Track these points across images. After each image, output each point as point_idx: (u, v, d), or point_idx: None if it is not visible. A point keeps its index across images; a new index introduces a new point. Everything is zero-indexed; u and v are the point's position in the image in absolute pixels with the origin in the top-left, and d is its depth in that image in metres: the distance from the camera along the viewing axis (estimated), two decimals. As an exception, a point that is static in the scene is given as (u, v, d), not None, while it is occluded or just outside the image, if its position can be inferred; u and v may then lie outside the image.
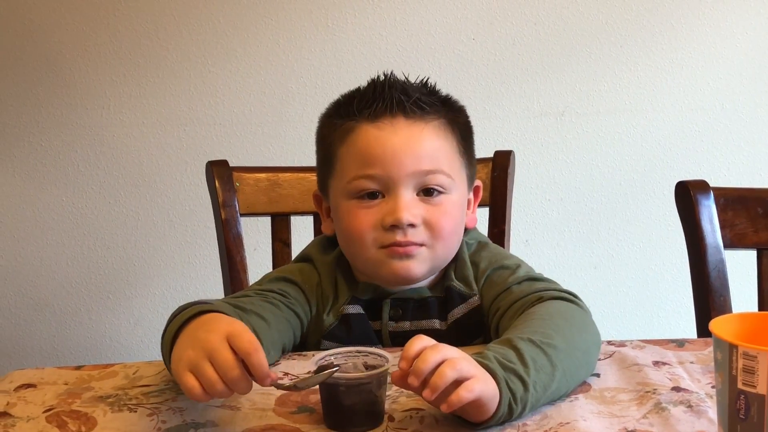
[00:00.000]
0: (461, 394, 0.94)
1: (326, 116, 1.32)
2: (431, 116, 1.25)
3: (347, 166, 1.24)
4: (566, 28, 2.31)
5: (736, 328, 0.94)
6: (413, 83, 1.28)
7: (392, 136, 1.22)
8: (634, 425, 1.00)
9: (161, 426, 1.02)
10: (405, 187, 1.21)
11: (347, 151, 1.24)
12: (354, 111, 1.25)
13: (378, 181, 1.22)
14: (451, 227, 1.24)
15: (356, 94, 1.28)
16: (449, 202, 1.24)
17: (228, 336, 0.94)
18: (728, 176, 2.36)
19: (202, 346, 0.94)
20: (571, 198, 2.40)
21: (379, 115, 1.23)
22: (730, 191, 1.51)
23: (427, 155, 1.22)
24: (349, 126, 1.25)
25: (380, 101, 1.23)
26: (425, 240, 1.23)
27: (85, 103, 2.32)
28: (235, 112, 2.34)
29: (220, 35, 2.30)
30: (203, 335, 0.96)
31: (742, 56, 2.34)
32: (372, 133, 1.23)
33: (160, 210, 2.38)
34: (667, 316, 2.46)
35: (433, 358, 0.94)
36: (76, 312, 2.43)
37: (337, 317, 1.27)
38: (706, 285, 1.47)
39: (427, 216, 1.22)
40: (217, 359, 0.93)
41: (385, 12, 2.29)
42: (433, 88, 1.30)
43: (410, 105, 1.23)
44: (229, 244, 1.64)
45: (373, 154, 1.22)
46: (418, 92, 1.25)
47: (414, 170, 1.21)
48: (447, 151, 1.25)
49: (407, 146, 1.22)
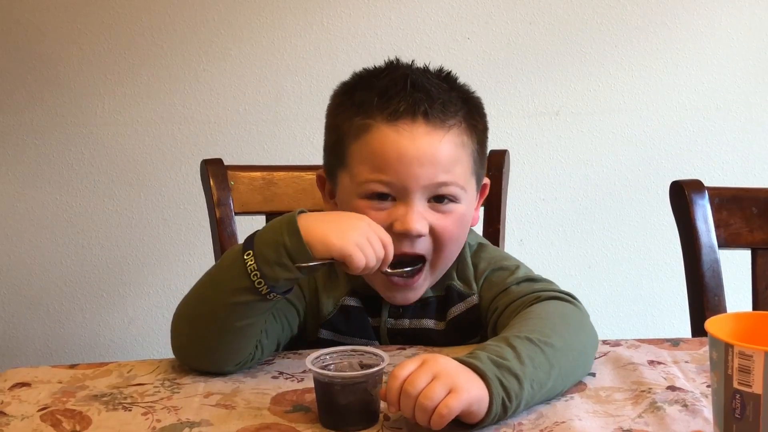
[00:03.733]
0: (442, 414, 0.95)
1: (339, 102, 1.25)
2: (452, 120, 1.19)
3: (360, 165, 1.19)
4: (561, 27, 2.31)
5: (732, 328, 0.94)
6: (432, 75, 1.23)
7: (411, 144, 1.16)
8: (629, 424, 1.00)
9: (156, 425, 1.02)
10: (418, 196, 1.18)
11: (360, 150, 1.19)
12: (372, 107, 1.18)
13: (391, 187, 1.18)
14: (456, 237, 1.23)
15: (374, 85, 1.21)
16: (457, 212, 1.21)
17: (369, 223, 1.13)
18: (723, 176, 2.37)
19: (360, 229, 1.11)
20: (565, 197, 2.40)
21: (399, 117, 1.17)
22: (724, 191, 1.51)
23: (443, 167, 1.18)
24: (365, 123, 1.18)
25: (402, 102, 1.17)
26: (428, 251, 1.21)
27: (79, 102, 2.32)
28: (230, 111, 2.33)
29: (214, 34, 2.30)
30: (355, 221, 1.13)
31: (736, 56, 2.34)
32: (389, 137, 1.17)
33: (154, 208, 2.38)
34: (661, 316, 2.47)
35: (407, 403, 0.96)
36: (70, 311, 2.43)
37: (336, 307, 1.27)
38: (700, 284, 1.47)
39: (435, 224, 1.20)
40: (373, 242, 1.11)
41: (380, 11, 2.29)
42: (453, 81, 1.25)
43: (432, 110, 1.17)
44: (223, 243, 1.63)
45: (388, 159, 1.16)
46: (440, 91, 1.19)
47: (428, 182, 1.18)
48: (463, 161, 1.21)
49: (425, 157, 1.16)
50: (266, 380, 1.15)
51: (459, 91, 1.24)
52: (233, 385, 1.14)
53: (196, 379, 1.16)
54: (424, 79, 1.20)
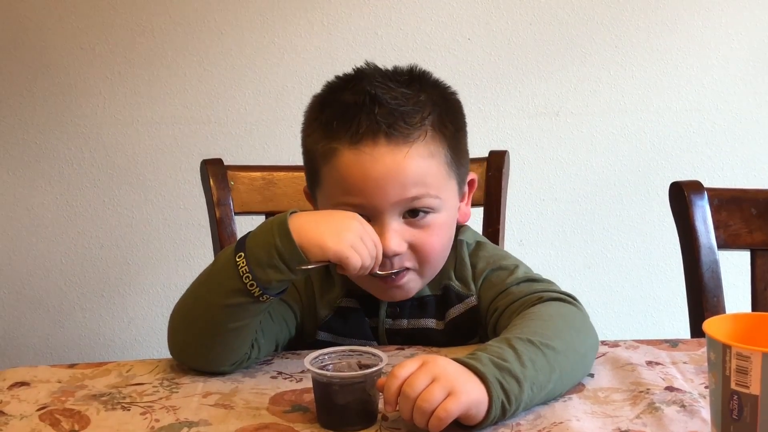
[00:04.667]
0: (440, 418, 0.95)
1: (311, 120, 1.25)
2: (417, 132, 1.16)
3: (331, 188, 1.20)
4: (562, 28, 2.31)
5: (730, 329, 0.94)
6: (399, 82, 1.20)
7: (374, 164, 1.15)
8: (627, 425, 1.01)
9: (154, 424, 1.02)
10: (390, 215, 1.17)
11: (330, 173, 1.19)
12: (336, 130, 1.17)
13: (362, 209, 1.17)
14: (438, 249, 1.22)
15: (339, 102, 1.20)
16: (436, 224, 1.20)
17: (360, 221, 1.13)
18: (722, 177, 2.37)
19: (353, 230, 1.11)
20: (565, 198, 2.40)
21: (361, 140, 1.15)
22: (724, 192, 1.51)
23: (412, 182, 1.16)
24: (330, 148, 1.18)
25: (362, 123, 1.15)
26: (412, 264, 1.21)
27: (79, 101, 2.32)
28: (230, 111, 2.33)
29: (215, 33, 2.30)
30: (348, 222, 1.12)
31: (737, 57, 2.34)
32: (351, 160, 1.15)
33: (154, 208, 2.38)
34: (660, 317, 2.47)
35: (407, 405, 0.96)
36: (69, 310, 2.43)
37: (333, 309, 1.27)
38: (699, 285, 1.47)
39: (413, 240, 1.19)
40: (367, 242, 1.12)
41: (381, 11, 2.29)
42: (425, 82, 1.22)
43: (393, 128, 1.15)
44: (223, 243, 1.64)
45: (353, 183, 1.16)
46: (405, 102, 1.17)
47: (398, 199, 1.16)
48: (434, 170, 1.18)
49: (389, 175, 1.15)
50: (265, 380, 1.15)
51: (430, 93, 1.21)
52: (232, 385, 1.14)
53: (195, 378, 1.16)
54: (387, 92, 1.17)
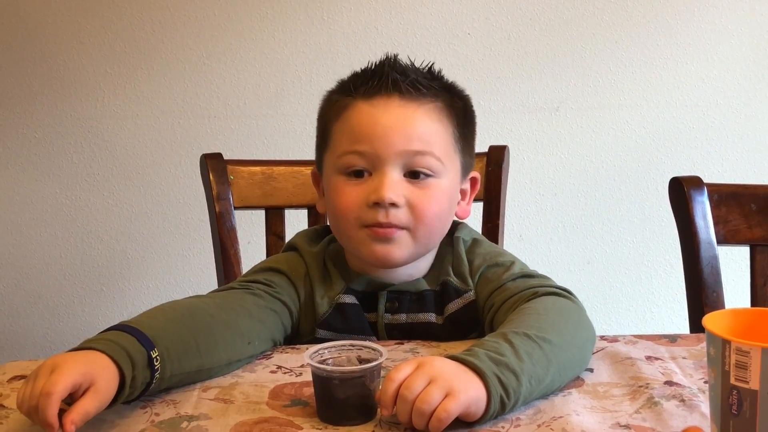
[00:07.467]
0: (440, 418, 0.95)
1: (327, 93, 1.33)
2: (427, 98, 1.24)
3: (339, 140, 1.25)
4: (561, 23, 2.31)
5: (729, 324, 0.94)
6: (417, 67, 1.28)
7: (384, 114, 1.22)
8: (626, 420, 1.01)
9: (154, 418, 1.02)
10: (392, 166, 1.21)
11: (340, 127, 1.25)
12: (351, 88, 1.26)
13: (366, 158, 1.22)
14: (435, 212, 1.23)
15: (356, 72, 1.29)
16: (436, 187, 1.23)
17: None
18: (722, 172, 2.37)
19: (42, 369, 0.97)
20: (565, 193, 2.40)
21: (375, 93, 1.23)
22: (723, 187, 1.51)
23: (418, 136, 1.22)
24: (344, 102, 1.26)
25: (377, 79, 1.24)
26: (407, 223, 1.22)
27: (79, 96, 2.32)
28: (230, 105, 2.33)
29: (215, 28, 2.30)
30: (50, 362, 0.98)
31: (736, 53, 2.34)
32: (365, 110, 1.23)
33: (154, 202, 2.38)
34: (660, 312, 2.47)
35: (405, 407, 0.96)
36: (69, 304, 2.43)
37: (332, 306, 1.27)
38: (699, 281, 1.47)
39: (411, 197, 1.21)
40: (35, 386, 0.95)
41: (381, 6, 2.29)
42: (436, 74, 1.29)
43: (406, 85, 1.23)
44: (223, 237, 1.64)
45: (363, 130, 1.22)
46: (417, 74, 1.25)
47: (402, 149, 1.21)
48: (440, 135, 1.24)
49: (397, 125, 1.21)
50: (264, 374, 1.15)
51: (440, 80, 1.29)
52: (231, 379, 1.14)
53: (195, 372, 1.16)
54: (404, 65, 1.27)
